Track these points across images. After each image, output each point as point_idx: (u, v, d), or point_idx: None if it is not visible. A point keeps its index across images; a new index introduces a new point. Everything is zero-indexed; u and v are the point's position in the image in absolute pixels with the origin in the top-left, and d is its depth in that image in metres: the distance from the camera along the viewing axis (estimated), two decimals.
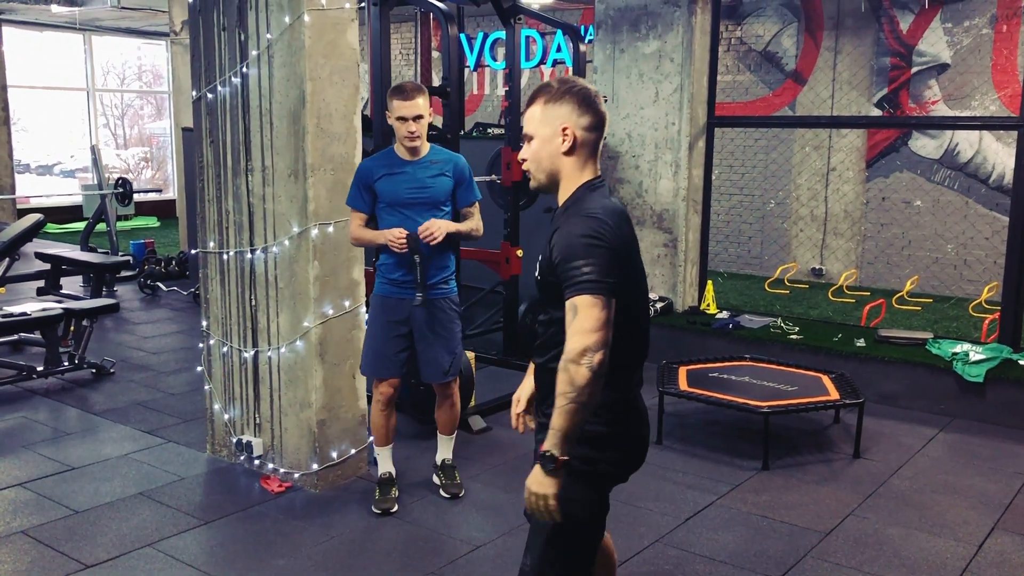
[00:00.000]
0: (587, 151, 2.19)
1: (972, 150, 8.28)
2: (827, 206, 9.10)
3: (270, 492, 4.12)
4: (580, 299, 2.01)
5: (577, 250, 2.04)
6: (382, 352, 3.87)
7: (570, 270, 2.04)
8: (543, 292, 2.22)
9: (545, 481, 2.03)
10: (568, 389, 1.98)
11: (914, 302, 7.67)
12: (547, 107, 2.17)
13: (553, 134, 2.16)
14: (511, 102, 5.76)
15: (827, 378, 5.01)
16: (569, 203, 2.18)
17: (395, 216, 3.76)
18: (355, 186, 3.82)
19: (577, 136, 2.16)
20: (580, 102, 2.16)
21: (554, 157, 2.18)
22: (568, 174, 2.20)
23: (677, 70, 6.43)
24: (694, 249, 6.70)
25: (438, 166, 3.84)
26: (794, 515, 3.93)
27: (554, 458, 2.01)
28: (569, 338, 2.01)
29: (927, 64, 8.43)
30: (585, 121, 2.16)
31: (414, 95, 3.69)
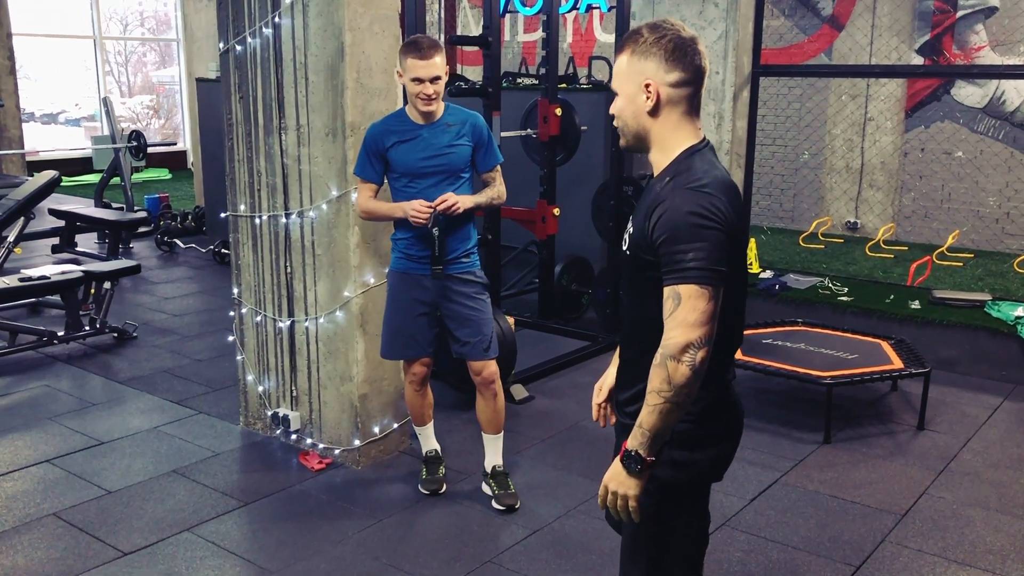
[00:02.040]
0: (680, 110, 1.92)
1: (1020, 99, 7.92)
2: (863, 157, 8.77)
3: (310, 469, 3.92)
4: (685, 288, 1.78)
5: (684, 231, 1.79)
6: (407, 331, 3.54)
7: (675, 253, 1.79)
8: (632, 270, 1.96)
9: (628, 481, 1.86)
10: (664, 387, 1.78)
11: (955, 257, 7.40)
12: (632, 59, 1.91)
13: (637, 91, 1.91)
14: (548, 50, 5.44)
15: (887, 344, 4.77)
16: (670, 172, 1.90)
17: (411, 187, 3.40)
18: (364, 154, 3.43)
19: (662, 94, 1.89)
20: (668, 55, 1.88)
21: (639, 117, 1.93)
22: (659, 136, 1.93)
23: (722, 16, 6.07)
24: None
25: (455, 129, 3.42)
26: (864, 494, 3.72)
27: (640, 458, 1.83)
28: (669, 330, 1.79)
29: (974, 7, 8.02)
30: (673, 77, 1.89)
31: (431, 53, 3.25)
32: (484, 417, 3.68)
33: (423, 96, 3.30)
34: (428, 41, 3.30)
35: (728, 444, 2.06)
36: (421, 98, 3.31)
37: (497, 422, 3.68)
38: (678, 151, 1.92)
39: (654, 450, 1.83)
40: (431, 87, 3.29)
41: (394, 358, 3.70)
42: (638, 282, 1.95)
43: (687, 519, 2.05)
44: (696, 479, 2.03)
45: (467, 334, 3.53)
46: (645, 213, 1.88)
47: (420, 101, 3.32)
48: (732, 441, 2.08)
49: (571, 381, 5.06)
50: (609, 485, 1.89)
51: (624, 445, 1.85)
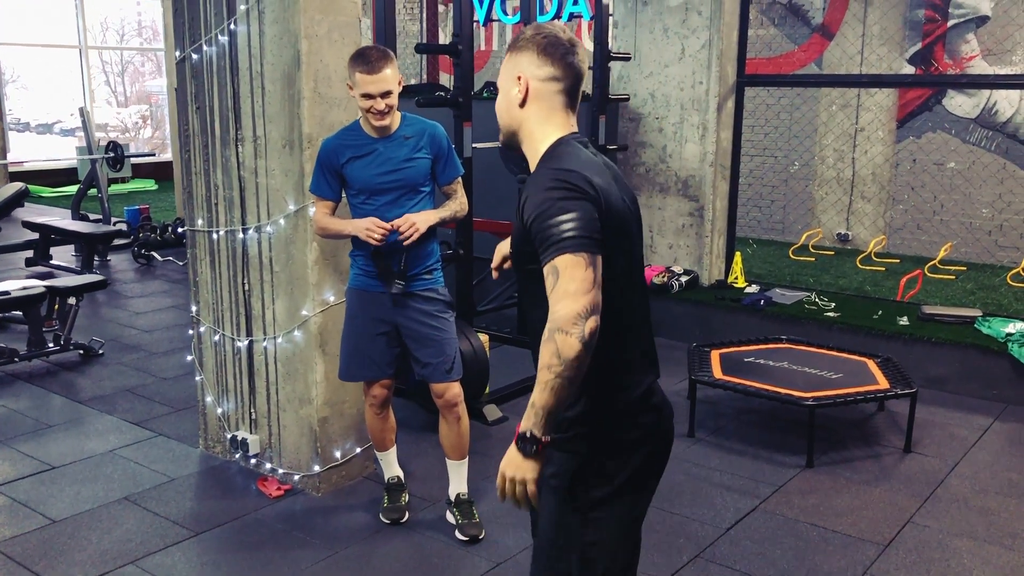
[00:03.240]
0: (549, 104, 1.92)
1: (1012, 109, 7.79)
2: (854, 168, 8.62)
3: (268, 496, 3.75)
4: (561, 259, 1.72)
5: (547, 206, 1.76)
6: (367, 351, 3.36)
7: (544, 230, 1.75)
8: (521, 268, 1.91)
9: (524, 464, 1.78)
10: (554, 362, 1.70)
11: (947, 270, 7.24)
12: (510, 55, 1.96)
13: (510, 84, 1.94)
14: None
15: (873, 363, 4.61)
16: (542, 164, 1.89)
17: (369, 204, 3.21)
18: (319, 170, 3.23)
19: (531, 86, 1.91)
20: (541, 50, 1.91)
21: (511, 109, 1.95)
22: (529, 130, 1.94)
23: (705, 24, 5.94)
24: (721, 218, 6.26)
25: (412, 141, 3.23)
26: (846, 523, 3.55)
27: (535, 439, 1.75)
28: (553, 304, 1.72)
29: (965, 16, 7.89)
30: (544, 72, 1.91)
31: (381, 65, 3.06)
32: (447, 442, 3.50)
33: (374, 112, 3.13)
34: (377, 52, 3.11)
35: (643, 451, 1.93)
36: (373, 113, 3.13)
37: (461, 447, 3.51)
38: (547, 143, 1.91)
39: (548, 429, 1.75)
40: (382, 102, 3.11)
41: (353, 379, 3.52)
42: (524, 280, 1.93)
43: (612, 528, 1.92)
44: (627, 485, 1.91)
45: (428, 355, 3.35)
46: (518, 210, 1.86)
47: (372, 116, 3.14)
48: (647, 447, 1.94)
49: None
50: (506, 471, 1.80)
51: (517, 428, 1.77)
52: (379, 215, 3.21)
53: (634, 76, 6.28)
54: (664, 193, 6.28)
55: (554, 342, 1.69)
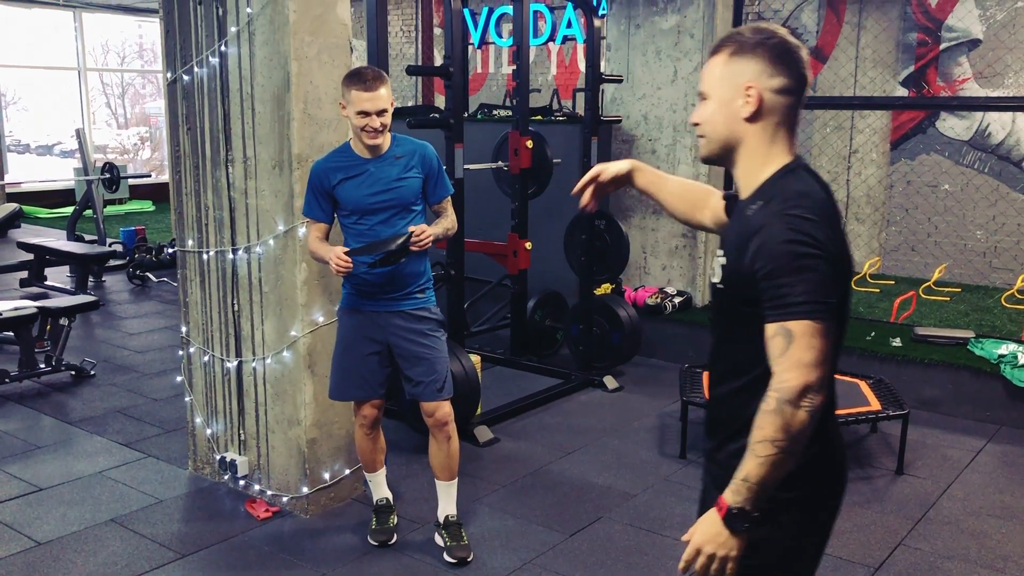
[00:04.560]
0: (778, 120, 1.74)
1: (1004, 131, 7.82)
2: (848, 190, 8.64)
3: (256, 518, 3.73)
4: (797, 325, 1.60)
5: (786, 262, 1.61)
6: (357, 371, 3.36)
7: (779, 287, 1.61)
8: (725, 302, 1.79)
9: (730, 542, 1.66)
10: (779, 436, 1.59)
11: (941, 292, 7.24)
12: (731, 61, 1.74)
13: (733, 94, 1.73)
14: (519, 82, 5.33)
15: (865, 384, 4.60)
16: (762, 195, 1.72)
17: (361, 224, 3.23)
18: (311, 193, 3.25)
19: (764, 99, 1.71)
20: (774, 57, 1.71)
21: (732, 123, 1.75)
22: (752, 148, 1.75)
23: (698, 47, 5.97)
24: (714, 240, 6.26)
25: (403, 161, 3.24)
26: (837, 544, 3.53)
27: (747, 514, 1.63)
28: (782, 372, 1.60)
29: (957, 40, 7.94)
30: (777, 82, 1.71)
31: (377, 84, 3.09)
32: (437, 462, 3.48)
33: (369, 129, 3.14)
34: (372, 72, 3.15)
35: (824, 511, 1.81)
36: (367, 131, 3.14)
37: (451, 468, 3.48)
38: (771, 169, 1.74)
39: (761, 505, 1.64)
40: (377, 120, 3.13)
41: (343, 399, 3.51)
42: (731, 315, 1.79)
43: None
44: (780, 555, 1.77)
45: (419, 373, 3.34)
46: (737, 243, 1.71)
47: (366, 135, 3.15)
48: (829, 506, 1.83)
49: (539, 422, 4.88)
50: (704, 547, 1.67)
51: (721, 500, 1.65)
52: (372, 235, 3.22)
53: (627, 98, 6.31)
54: (657, 215, 6.29)
55: (782, 415, 1.59)
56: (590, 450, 4.48)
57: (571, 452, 4.46)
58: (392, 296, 3.29)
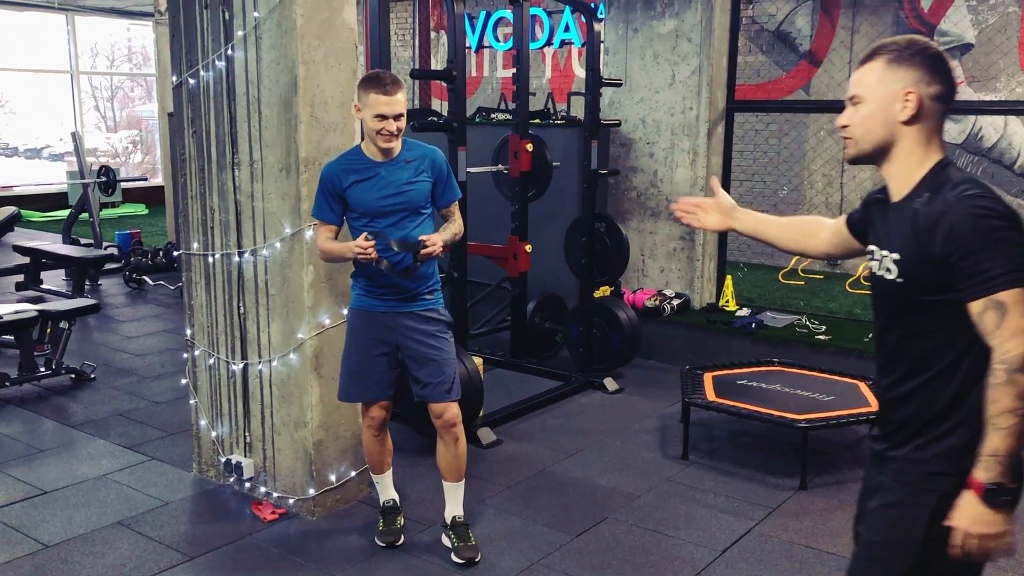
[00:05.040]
0: (932, 124, 1.86)
1: (997, 135, 7.89)
2: (843, 193, 8.70)
3: (262, 520, 3.74)
4: (1007, 295, 1.68)
5: (981, 238, 1.70)
6: (367, 372, 3.39)
7: (978, 264, 1.70)
8: (905, 296, 1.85)
9: (995, 518, 1.71)
10: (1018, 404, 1.66)
11: None
12: (889, 68, 1.85)
13: (891, 99, 1.85)
14: (519, 86, 5.35)
15: (864, 385, 4.64)
16: (925, 188, 1.83)
17: (372, 227, 3.24)
18: (321, 195, 3.27)
19: (923, 104, 1.84)
20: (931, 66, 1.84)
21: (889, 125, 1.86)
22: (907, 149, 1.87)
23: (695, 51, 6.02)
24: (712, 242, 6.31)
25: (414, 165, 3.28)
26: (841, 544, 3.56)
27: (1004, 488, 1.70)
28: (1003, 343, 1.68)
29: (950, 44, 8.01)
30: (934, 89, 1.84)
31: (395, 89, 3.15)
32: (444, 463, 3.50)
33: (385, 133, 3.18)
34: (391, 77, 3.19)
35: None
36: (383, 135, 3.18)
37: (458, 469, 3.50)
38: (927, 166, 1.85)
39: (1015, 476, 1.71)
40: (394, 124, 3.17)
41: (352, 400, 3.53)
42: (913, 309, 1.85)
43: None
44: None
45: (428, 375, 3.37)
46: (914, 236, 1.80)
47: (381, 138, 3.19)
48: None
49: (541, 424, 4.90)
50: (972, 530, 1.72)
51: (973, 481, 1.72)
52: None
53: (625, 102, 6.34)
54: (655, 217, 6.33)
55: (1016, 384, 1.66)
56: (593, 451, 4.51)
57: (574, 453, 4.48)
58: (402, 297, 3.32)
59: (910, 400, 1.87)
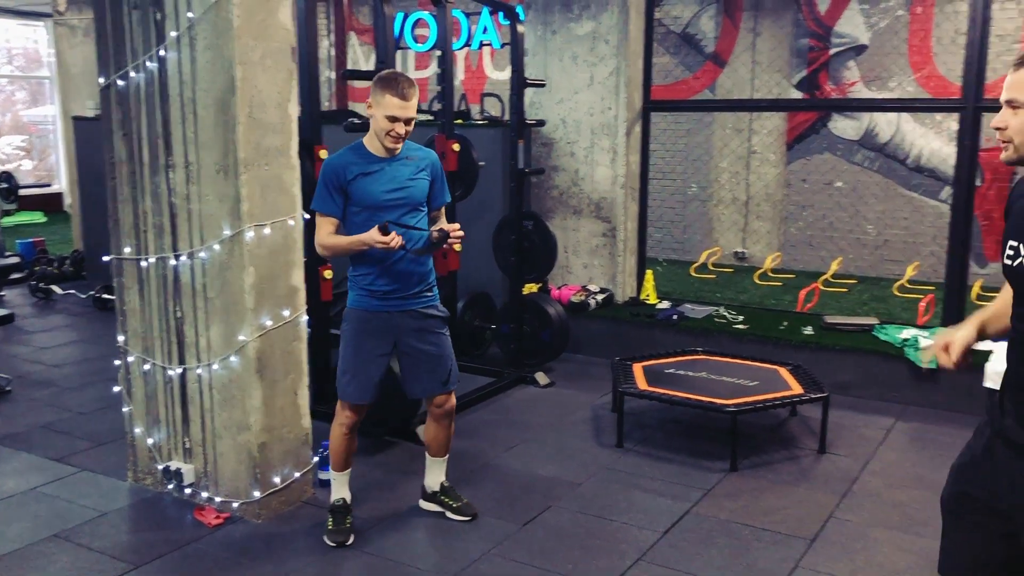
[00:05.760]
0: None
1: (890, 131, 8.34)
2: (749, 189, 9.05)
3: (207, 525, 3.70)
4: None
5: None
6: (368, 373, 3.47)
7: None
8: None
9: None
10: None
11: (839, 284, 7.68)
12: None
13: None
14: (443, 87, 5.40)
15: (785, 370, 4.88)
16: None
17: (373, 221, 3.32)
18: (324, 187, 3.36)
19: None
20: None
21: None
22: None
23: (613, 52, 6.18)
24: (633, 238, 6.49)
25: (415, 163, 3.44)
26: (774, 520, 3.75)
27: None
28: None
29: (845, 45, 8.42)
30: None
31: (411, 94, 3.27)
32: (437, 443, 3.73)
33: (394, 134, 3.29)
34: (407, 80, 3.30)
35: None
36: (391, 136, 3.30)
37: (448, 445, 3.77)
38: None
39: None
40: (404, 127, 3.29)
41: (354, 401, 3.55)
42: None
43: None
44: None
45: (429, 370, 3.53)
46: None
47: (389, 138, 3.31)
48: None
49: (479, 419, 4.97)
50: None
51: None
52: None
53: (546, 102, 6.47)
54: (578, 215, 6.47)
55: None
56: (531, 444, 4.61)
57: (513, 447, 4.57)
58: (403, 296, 3.43)
59: None
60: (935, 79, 7.86)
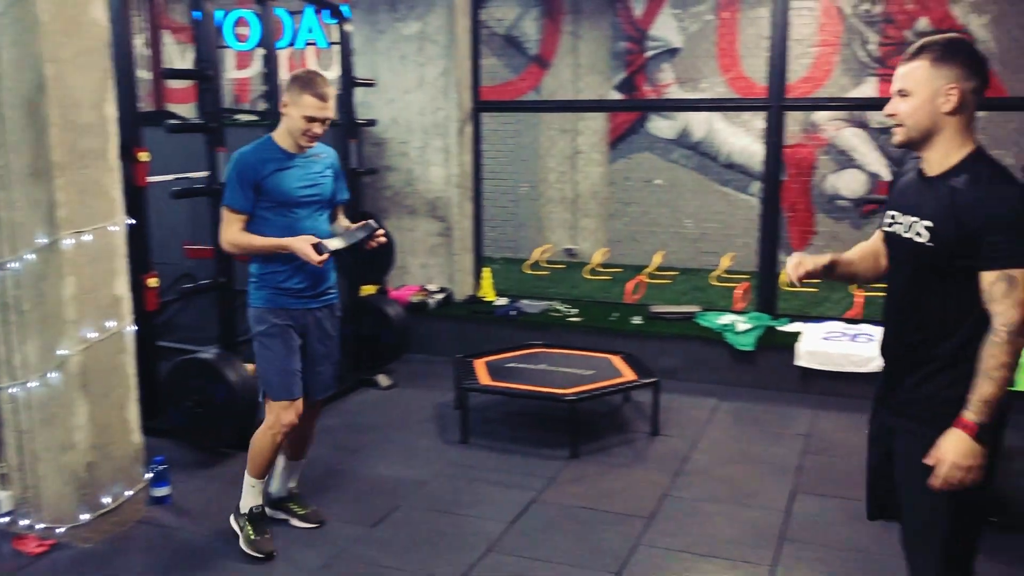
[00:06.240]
0: (969, 114, 2.16)
1: (704, 130, 8.83)
2: (576, 188, 9.34)
3: (28, 554, 3.45)
4: (1019, 272, 2.02)
5: (1007, 223, 2.04)
6: (294, 368, 3.40)
7: (1001, 242, 2.03)
8: (932, 260, 2.15)
9: (977, 450, 2.06)
10: (1010, 360, 2.02)
11: (662, 276, 8.07)
12: (934, 65, 2.14)
13: (935, 93, 2.14)
14: (269, 87, 5.27)
15: (618, 358, 5.08)
16: (963, 170, 2.13)
17: (286, 216, 3.30)
18: (236, 183, 3.27)
19: (964, 97, 2.13)
20: (971, 64, 2.14)
21: (935, 116, 2.15)
22: (949, 135, 2.16)
23: (441, 53, 6.23)
24: (468, 237, 6.57)
25: (322, 160, 3.43)
26: (615, 502, 3.91)
27: (988, 427, 2.05)
28: (1007, 310, 2.03)
29: (660, 48, 8.85)
30: (972, 84, 2.14)
31: (329, 94, 3.24)
32: (301, 445, 3.70)
33: (311, 134, 3.27)
34: (324, 80, 3.26)
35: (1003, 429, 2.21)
36: (309, 135, 3.27)
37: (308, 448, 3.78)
38: (965, 151, 2.15)
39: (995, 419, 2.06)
40: (321, 127, 3.27)
41: (295, 396, 3.43)
42: (937, 273, 2.15)
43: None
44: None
45: (329, 364, 3.56)
46: (954, 210, 2.08)
47: (305, 138, 3.28)
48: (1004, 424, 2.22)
49: (320, 425, 4.79)
50: (958, 462, 2.06)
51: (966, 421, 2.05)
52: (298, 228, 3.30)
53: (376, 102, 6.44)
54: (413, 215, 6.48)
55: (1012, 344, 2.01)
56: (376, 446, 4.58)
57: (357, 450, 4.53)
58: (314, 294, 3.42)
59: (917, 350, 2.20)
60: (742, 80, 8.40)
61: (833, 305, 6.60)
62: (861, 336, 5.38)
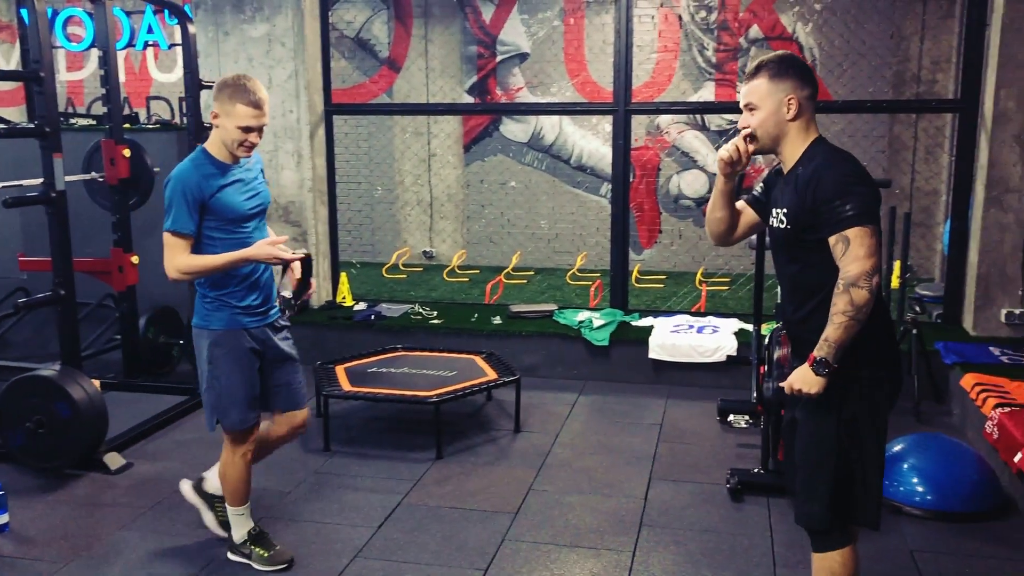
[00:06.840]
0: (808, 115, 2.51)
1: (554, 133, 9.04)
2: (432, 190, 9.36)
3: None
4: (852, 231, 2.33)
5: (838, 190, 2.35)
6: (254, 391, 3.25)
7: (834, 209, 2.34)
8: (794, 240, 2.48)
9: (814, 380, 2.39)
10: (848, 308, 2.31)
11: (519, 276, 8.20)
12: (773, 80, 2.48)
13: (779, 104, 2.47)
14: (109, 88, 5.05)
15: (479, 358, 5.14)
16: (807, 158, 2.47)
17: (237, 233, 3.09)
18: (183, 205, 3.00)
19: (801, 104, 2.47)
20: (802, 75, 2.48)
21: (781, 124, 2.49)
22: (793, 137, 2.50)
23: (290, 55, 6.12)
24: (324, 241, 6.48)
25: (254, 166, 3.27)
26: (480, 500, 3.96)
27: (828, 364, 2.36)
28: (845, 266, 2.34)
29: (509, 53, 8.99)
30: (807, 91, 2.49)
31: (262, 100, 3.03)
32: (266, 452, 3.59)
33: (248, 144, 3.07)
34: (257, 85, 3.04)
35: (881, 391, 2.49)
36: (246, 146, 3.07)
37: None
38: (808, 141, 2.50)
39: (837, 358, 2.35)
40: (258, 137, 3.07)
41: (251, 424, 3.29)
42: (802, 249, 2.49)
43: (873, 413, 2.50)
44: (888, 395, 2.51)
45: (295, 379, 3.41)
46: (796, 193, 2.43)
47: (243, 149, 3.08)
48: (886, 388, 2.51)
49: (172, 440, 4.71)
50: (795, 384, 2.43)
51: (810, 356, 2.38)
52: (249, 242, 3.12)
53: None
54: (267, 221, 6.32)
55: (848, 294, 2.31)
56: None
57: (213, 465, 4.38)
58: (265, 310, 3.25)
59: (809, 320, 2.50)
60: (590, 85, 8.65)
61: (680, 299, 6.90)
62: (707, 328, 5.65)
